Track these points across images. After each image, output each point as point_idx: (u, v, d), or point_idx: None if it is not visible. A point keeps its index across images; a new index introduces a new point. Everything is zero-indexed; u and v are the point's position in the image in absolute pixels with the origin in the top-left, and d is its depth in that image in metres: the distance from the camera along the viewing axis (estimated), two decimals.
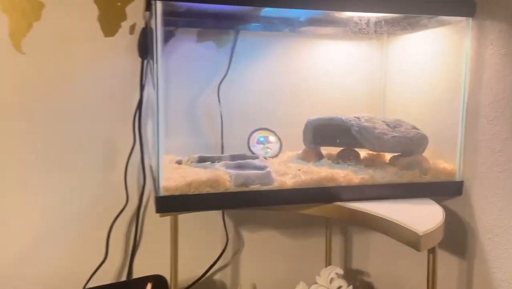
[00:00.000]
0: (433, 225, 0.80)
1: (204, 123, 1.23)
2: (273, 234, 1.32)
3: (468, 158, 1.00)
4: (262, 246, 1.31)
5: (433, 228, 0.79)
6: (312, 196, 0.93)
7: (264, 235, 1.31)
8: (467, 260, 1.01)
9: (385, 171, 1.00)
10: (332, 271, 1.22)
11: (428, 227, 0.79)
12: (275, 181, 0.92)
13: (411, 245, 0.78)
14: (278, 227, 1.33)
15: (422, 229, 0.77)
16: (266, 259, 1.32)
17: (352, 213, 0.92)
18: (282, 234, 1.33)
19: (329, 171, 0.97)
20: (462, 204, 1.02)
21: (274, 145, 1.22)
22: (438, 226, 0.80)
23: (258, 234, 1.31)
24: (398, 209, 0.90)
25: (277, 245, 1.33)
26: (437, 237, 0.81)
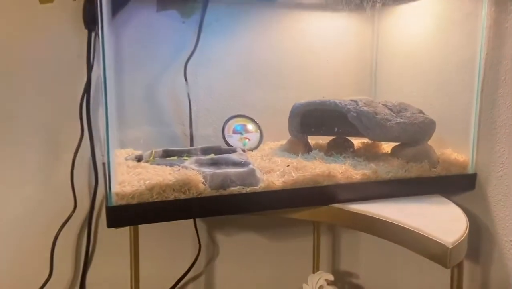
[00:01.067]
0: (460, 233, 0.64)
1: (169, 110, 1.03)
2: (252, 236, 1.14)
3: (483, 147, 0.85)
4: (240, 252, 1.13)
5: (461, 237, 0.63)
6: (306, 197, 0.76)
7: (242, 239, 1.13)
8: (482, 265, 0.87)
9: (389, 164, 0.84)
10: (321, 278, 1.06)
11: (456, 236, 0.63)
12: (261, 181, 0.73)
13: (437, 260, 0.62)
14: (258, 228, 1.15)
15: (450, 240, 0.61)
16: (245, 266, 1.14)
17: (356, 218, 0.75)
18: (263, 236, 1.16)
19: (324, 166, 0.80)
20: (475, 200, 0.87)
21: (253, 134, 1.03)
22: (465, 235, 0.65)
23: (235, 237, 1.13)
24: (411, 211, 0.74)
25: (257, 249, 1.15)
26: (464, 248, 0.66)
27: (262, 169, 0.80)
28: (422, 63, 1.01)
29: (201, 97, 1.05)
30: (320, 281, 1.06)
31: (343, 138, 0.98)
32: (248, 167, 0.73)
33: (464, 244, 0.64)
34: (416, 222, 0.68)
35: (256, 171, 0.73)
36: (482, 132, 0.85)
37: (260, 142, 1.03)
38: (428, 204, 0.79)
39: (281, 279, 1.16)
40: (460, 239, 0.62)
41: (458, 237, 0.63)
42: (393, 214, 0.71)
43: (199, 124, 1.05)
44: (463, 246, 0.64)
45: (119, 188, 0.65)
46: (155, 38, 1.00)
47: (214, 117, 1.06)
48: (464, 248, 0.65)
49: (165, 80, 1.01)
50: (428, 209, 0.76)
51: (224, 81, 1.06)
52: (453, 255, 0.60)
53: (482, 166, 0.86)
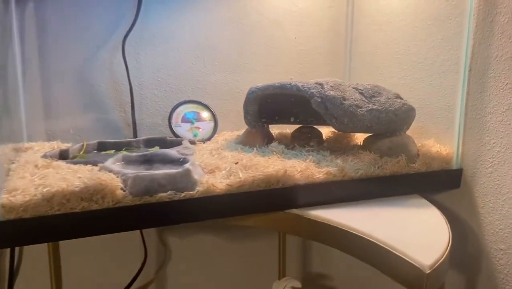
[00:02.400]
0: (440, 251, 0.51)
1: (107, 95, 0.87)
2: (210, 238, 1.01)
3: (470, 138, 0.72)
4: (195, 256, 1.00)
5: (442, 257, 0.50)
6: (255, 203, 0.62)
7: (197, 241, 1.00)
8: (467, 277, 0.74)
9: (359, 159, 0.71)
10: (287, 285, 0.94)
11: (435, 256, 0.50)
12: (199, 184, 0.59)
13: (411, 287, 0.49)
14: (216, 228, 1.01)
15: (428, 262, 0.48)
16: (201, 272, 1.01)
17: (316, 227, 0.62)
18: (222, 237, 1.03)
19: (281, 163, 0.66)
20: (460, 200, 0.75)
21: (206, 124, 0.89)
22: (446, 253, 0.52)
23: (189, 239, 0.99)
24: (383, 219, 0.61)
25: (216, 252, 1.02)
26: (445, 270, 0.53)
27: (206, 167, 0.66)
28: (402, 39, 0.87)
29: (146, 79, 0.90)
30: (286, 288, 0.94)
31: (310, 128, 0.84)
32: (183, 167, 0.59)
33: (445, 266, 0.51)
34: (388, 234, 0.55)
35: (191, 171, 0.58)
36: (469, 121, 0.72)
37: (214, 132, 0.89)
38: (404, 207, 0.66)
39: (243, 286, 1.04)
40: (440, 259, 0.49)
41: (437, 257, 0.50)
42: (361, 223, 0.58)
43: (145, 111, 0.90)
44: (444, 268, 0.51)
45: (8, 197, 0.50)
46: (87, 10, 0.84)
47: (163, 103, 0.91)
48: (445, 270, 0.52)
49: (101, 60, 0.86)
50: (404, 216, 0.63)
51: (174, 61, 0.91)
52: (431, 281, 0.48)
53: (469, 161, 0.73)
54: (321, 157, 0.72)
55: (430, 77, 0.80)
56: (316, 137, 0.83)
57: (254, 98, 0.78)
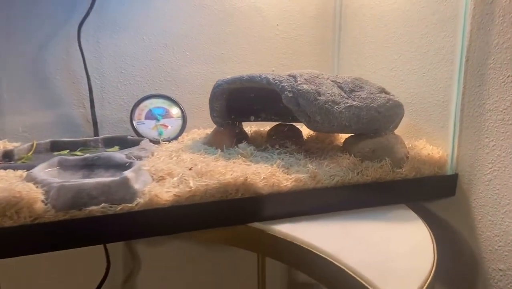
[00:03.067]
0: (418, 281, 0.42)
1: (62, 88, 0.79)
2: (182, 246, 0.93)
3: (467, 139, 0.62)
4: (167, 264, 0.92)
5: (422, 284, 0.41)
6: (207, 216, 0.53)
7: (170, 250, 0.92)
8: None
9: (337, 163, 0.61)
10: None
11: (413, 285, 0.41)
12: (140, 195, 0.50)
13: None
14: None
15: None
16: (174, 283, 0.93)
17: (277, 245, 0.53)
18: (197, 245, 0.94)
19: (242, 170, 0.57)
20: (454, 210, 0.65)
21: (174, 121, 0.80)
22: (428, 282, 0.42)
23: (160, 248, 0.91)
24: (356, 236, 0.52)
25: (190, 262, 0.93)
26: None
27: (157, 173, 0.57)
28: (393, 25, 0.77)
29: (108, 71, 0.81)
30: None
31: (288, 126, 0.75)
32: (121, 176, 0.50)
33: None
34: (359, 257, 0.45)
35: (129, 180, 0.50)
36: (465, 119, 0.62)
37: (182, 130, 0.80)
38: (385, 221, 0.56)
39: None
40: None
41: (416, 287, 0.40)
42: (330, 242, 0.49)
43: (107, 107, 0.82)
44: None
45: None
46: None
47: (128, 97, 0.83)
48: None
49: (56, 49, 0.77)
50: (382, 232, 0.53)
51: (140, 50, 0.82)
52: None
53: (465, 165, 0.63)
54: (293, 161, 0.63)
55: (423, 68, 0.70)
56: (294, 136, 0.73)
57: (221, 93, 0.69)
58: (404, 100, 0.70)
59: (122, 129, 0.82)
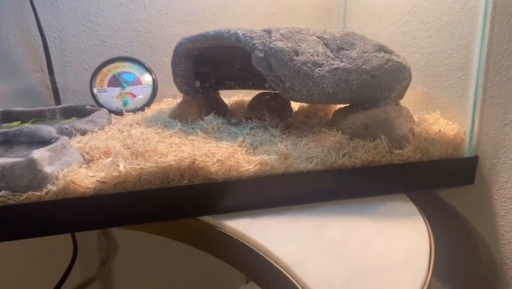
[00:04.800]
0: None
1: (15, 50, 0.69)
2: None
3: (491, 110, 0.48)
4: (147, 251, 0.83)
5: None
6: (142, 208, 0.42)
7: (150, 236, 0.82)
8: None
9: (318, 142, 0.49)
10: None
11: None
12: (52, 181, 0.40)
13: None
14: None
15: None
16: (154, 270, 0.85)
17: (228, 245, 0.42)
18: None
19: (191, 150, 0.45)
20: (472, 203, 0.51)
21: (142, 89, 0.69)
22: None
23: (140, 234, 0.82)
24: (328, 239, 0.39)
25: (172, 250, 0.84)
26: None
27: (91, 152, 0.47)
28: None
29: (69, 30, 0.70)
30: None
31: (271, 95, 0.62)
32: (27, 156, 0.40)
33: None
34: (327, 271, 0.33)
35: (37, 162, 0.39)
36: (490, 86, 0.47)
37: (152, 100, 0.69)
38: (373, 219, 0.44)
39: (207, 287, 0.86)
40: None
41: None
42: (294, 246, 0.37)
43: (69, 72, 0.72)
44: None
45: None
46: None
47: (93, 60, 0.72)
48: None
49: (4, 4, 0.67)
50: (365, 233, 0.41)
51: (106, 5, 0.71)
52: None
53: (488, 146, 0.48)
54: (267, 138, 0.50)
55: (440, 21, 0.55)
56: (278, 108, 0.61)
57: (184, 54, 0.57)
58: (416, 63, 0.56)
59: (89, 98, 0.72)
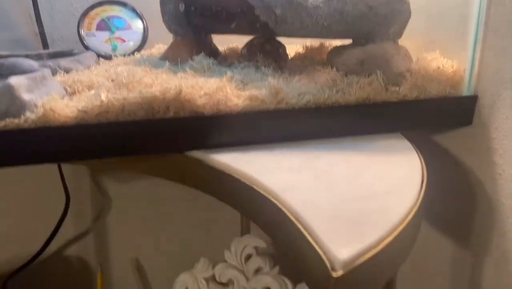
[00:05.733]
0: (379, 232, 0.28)
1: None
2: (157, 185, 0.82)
3: (494, 45, 0.45)
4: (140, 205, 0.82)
5: (378, 242, 0.27)
6: (125, 141, 0.41)
7: (142, 189, 0.82)
8: (472, 256, 0.51)
9: (311, 78, 0.47)
10: (248, 244, 0.75)
11: (364, 242, 0.27)
12: (31, 108, 0.39)
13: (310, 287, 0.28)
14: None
15: (344, 254, 0.26)
16: (148, 225, 0.84)
17: (216, 178, 0.40)
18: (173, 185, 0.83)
19: (178, 83, 0.43)
20: (470, 144, 0.49)
21: (132, 33, 0.67)
22: (394, 233, 0.28)
23: (132, 187, 0.81)
24: (316, 171, 0.38)
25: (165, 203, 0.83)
26: (388, 262, 0.30)
27: (73, 85, 0.45)
28: None
29: None
30: (247, 248, 0.75)
31: (267, 40, 0.60)
32: (5, 82, 0.38)
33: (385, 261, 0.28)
34: (312, 200, 0.32)
35: (14, 88, 0.38)
36: (493, 18, 0.45)
37: (143, 45, 0.66)
38: (365, 153, 0.42)
39: (198, 242, 0.86)
40: (371, 250, 0.27)
41: (366, 246, 0.27)
42: (280, 178, 0.36)
43: (57, 17, 0.69)
44: (381, 265, 0.28)
45: None
46: None
47: (80, 4, 0.69)
48: (384, 267, 0.29)
49: None
50: (357, 167, 0.39)
51: None
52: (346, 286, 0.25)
53: (488, 83, 0.46)
54: (259, 76, 0.48)
55: None
56: (273, 52, 0.58)
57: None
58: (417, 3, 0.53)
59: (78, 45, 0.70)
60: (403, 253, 0.30)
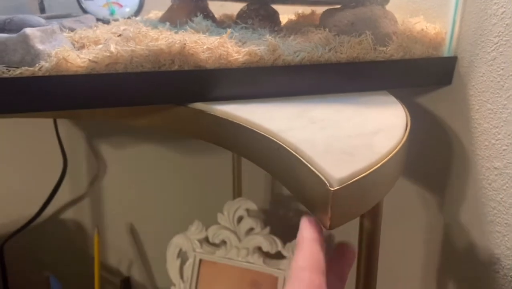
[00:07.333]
0: (373, 155, 0.32)
1: None
2: (151, 150, 0.85)
3: (473, 9, 0.49)
4: (134, 168, 0.85)
5: (373, 164, 0.31)
6: (133, 91, 0.43)
7: (137, 153, 0.84)
8: (448, 204, 0.56)
9: (305, 38, 0.50)
10: (240, 207, 0.79)
11: (360, 163, 0.31)
12: (45, 58, 0.41)
13: (310, 209, 0.32)
14: (159, 140, 0.85)
15: (340, 173, 0.30)
16: (143, 188, 0.87)
17: (217, 126, 0.44)
18: (167, 149, 0.86)
19: (182, 38, 0.46)
20: (449, 102, 0.54)
21: None
22: (383, 160, 0.32)
23: (127, 151, 0.84)
24: (310, 117, 0.42)
25: (159, 167, 0.86)
26: (380, 187, 0.34)
27: (80, 40, 0.47)
28: None
29: None
30: (239, 210, 0.78)
31: (263, 6, 0.62)
32: (20, 32, 0.40)
33: (377, 180, 0.32)
34: (307, 136, 0.36)
35: (30, 37, 0.40)
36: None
37: (140, 10, 0.69)
38: (355, 105, 0.46)
39: (191, 205, 0.89)
40: (367, 170, 0.31)
41: (362, 166, 0.31)
42: (279, 122, 0.39)
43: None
44: (373, 184, 0.32)
45: None
46: None
47: None
48: (377, 186, 0.33)
49: None
50: (348, 114, 0.43)
51: None
52: (340, 202, 0.29)
53: (466, 44, 0.51)
54: (256, 36, 0.51)
55: None
56: (268, 17, 0.61)
57: None
58: None
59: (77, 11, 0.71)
60: (388, 182, 0.34)
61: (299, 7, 0.69)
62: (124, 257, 0.89)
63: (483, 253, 0.50)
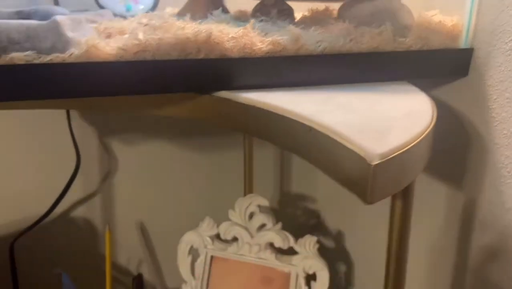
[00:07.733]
0: (408, 135, 0.33)
1: None
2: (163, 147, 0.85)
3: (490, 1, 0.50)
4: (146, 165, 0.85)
5: (409, 142, 0.32)
6: (160, 78, 0.44)
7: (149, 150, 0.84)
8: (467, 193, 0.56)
9: (326, 29, 0.51)
10: (251, 203, 0.79)
11: (396, 141, 0.32)
12: (75, 45, 0.41)
13: (352, 188, 0.32)
14: (171, 137, 0.85)
15: (379, 149, 0.30)
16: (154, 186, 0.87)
17: (245, 114, 0.44)
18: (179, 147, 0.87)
19: (207, 27, 0.47)
20: (465, 92, 0.55)
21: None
22: (423, 136, 0.33)
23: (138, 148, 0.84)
24: (338, 103, 0.42)
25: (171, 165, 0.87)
26: (416, 158, 0.34)
27: (106, 30, 0.48)
28: None
29: None
30: (250, 207, 0.78)
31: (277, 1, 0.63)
32: (51, 19, 0.41)
33: (414, 156, 0.33)
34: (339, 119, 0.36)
35: (60, 25, 0.40)
36: None
37: (155, 6, 0.69)
38: (379, 92, 0.47)
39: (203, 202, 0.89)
40: (404, 147, 0.31)
41: (399, 143, 0.31)
42: (307, 107, 0.40)
43: None
44: (410, 160, 0.33)
45: None
46: None
47: None
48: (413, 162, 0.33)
49: None
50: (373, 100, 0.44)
51: None
52: (381, 176, 0.30)
53: (484, 36, 0.52)
54: (275, 29, 0.52)
55: None
56: (283, 12, 0.62)
57: None
58: None
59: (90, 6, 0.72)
60: (421, 162, 0.35)
61: (310, 3, 0.70)
62: (134, 254, 0.89)
63: (503, 241, 0.51)
